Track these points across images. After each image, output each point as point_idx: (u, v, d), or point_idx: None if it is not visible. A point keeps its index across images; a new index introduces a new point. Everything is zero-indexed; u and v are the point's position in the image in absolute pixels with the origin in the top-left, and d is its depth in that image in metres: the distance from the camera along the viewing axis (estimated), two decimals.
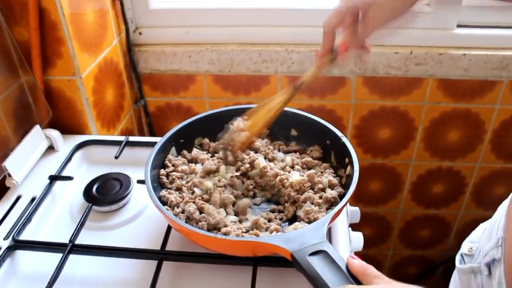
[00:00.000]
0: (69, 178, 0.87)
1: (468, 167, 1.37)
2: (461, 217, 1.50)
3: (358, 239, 0.84)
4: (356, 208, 0.91)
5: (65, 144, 0.97)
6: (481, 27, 1.15)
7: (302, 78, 0.76)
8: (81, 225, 0.76)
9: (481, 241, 0.76)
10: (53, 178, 0.86)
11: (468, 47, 1.15)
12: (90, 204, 0.80)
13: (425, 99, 1.22)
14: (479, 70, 1.15)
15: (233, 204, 0.74)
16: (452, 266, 0.84)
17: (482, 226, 0.82)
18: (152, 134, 1.33)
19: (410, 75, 1.18)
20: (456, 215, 1.49)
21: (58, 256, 0.70)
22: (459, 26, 1.14)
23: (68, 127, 1.00)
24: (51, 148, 0.95)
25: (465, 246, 0.80)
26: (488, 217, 0.80)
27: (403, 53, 1.14)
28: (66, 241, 0.72)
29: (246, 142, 0.78)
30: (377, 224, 1.54)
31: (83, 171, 0.94)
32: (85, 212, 0.78)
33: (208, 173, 0.78)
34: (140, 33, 1.18)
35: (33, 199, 0.82)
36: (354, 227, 0.91)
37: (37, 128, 0.91)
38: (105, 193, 0.83)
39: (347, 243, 0.76)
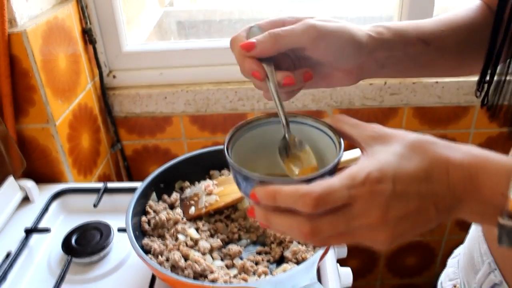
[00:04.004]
0: (46, 230, 0.84)
1: None
2: (445, 243, 1.50)
3: (347, 274, 0.83)
4: None
5: (40, 194, 0.93)
6: None
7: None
8: (61, 279, 0.72)
9: (461, 275, 0.75)
10: (29, 231, 0.83)
11: None
12: (70, 256, 0.77)
13: (402, 128, 1.23)
14: (452, 97, 1.17)
15: (219, 248, 0.73)
16: None
17: (451, 262, 0.80)
18: (130, 177, 1.30)
19: (386, 105, 1.19)
20: (440, 241, 1.49)
21: None
22: None
23: (43, 176, 0.97)
24: (26, 199, 0.92)
25: (447, 286, 0.78)
26: None
27: (377, 84, 1.15)
28: None
29: (213, 206, 0.77)
30: (363, 256, 1.53)
31: (61, 222, 0.90)
32: (65, 265, 0.75)
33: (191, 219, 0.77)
34: (114, 76, 1.17)
35: (8, 255, 0.78)
36: (341, 262, 0.90)
37: (10, 179, 0.88)
38: (84, 243, 0.80)
39: (337, 280, 0.74)
